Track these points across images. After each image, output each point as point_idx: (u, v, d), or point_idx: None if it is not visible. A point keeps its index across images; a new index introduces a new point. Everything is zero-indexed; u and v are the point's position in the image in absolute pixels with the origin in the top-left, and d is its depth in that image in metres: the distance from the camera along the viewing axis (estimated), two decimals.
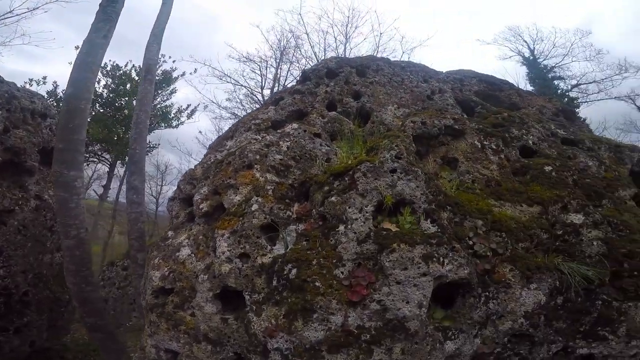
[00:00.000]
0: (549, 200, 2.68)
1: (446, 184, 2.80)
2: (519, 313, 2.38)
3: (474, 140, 3.43)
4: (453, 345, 2.28)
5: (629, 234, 2.59)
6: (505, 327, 2.40)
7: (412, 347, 2.20)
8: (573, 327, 2.47)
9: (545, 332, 2.44)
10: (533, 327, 2.42)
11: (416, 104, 4.47)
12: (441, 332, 2.28)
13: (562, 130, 3.50)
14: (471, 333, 2.35)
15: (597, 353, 2.54)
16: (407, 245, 2.21)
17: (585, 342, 2.51)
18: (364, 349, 2.23)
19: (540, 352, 2.48)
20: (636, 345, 2.56)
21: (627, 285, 2.47)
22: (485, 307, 2.34)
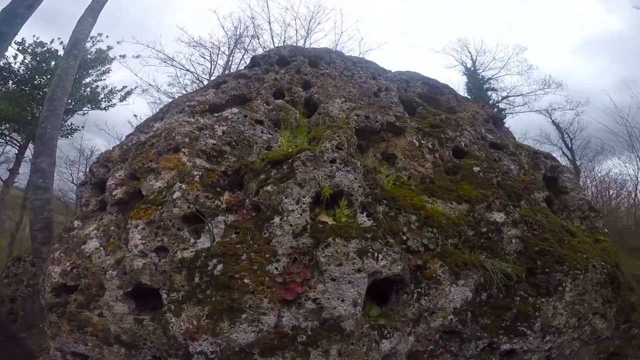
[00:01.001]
0: (476, 199, 2.82)
1: (384, 179, 2.77)
2: (449, 309, 2.43)
3: (412, 138, 3.49)
4: (389, 345, 2.23)
5: (541, 233, 2.82)
6: (437, 323, 2.43)
7: (349, 348, 2.10)
8: (496, 323, 2.59)
9: (473, 328, 2.52)
10: (462, 323, 2.48)
11: (363, 99, 4.49)
12: (377, 330, 2.22)
13: (490, 135, 3.73)
14: (405, 331, 2.33)
15: (518, 348, 2.68)
16: (342, 239, 2.10)
17: (507, 338, 2.63)
18: (300, 351, 2.07)
19: (469, 348, 2.55)
20: (550, 340, 2.77)
21: (539, 282, 2.67)
22: (417, 304, 2.34)
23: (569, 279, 2.69)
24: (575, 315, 2.76)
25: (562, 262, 2.69)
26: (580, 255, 2.80)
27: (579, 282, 2.71)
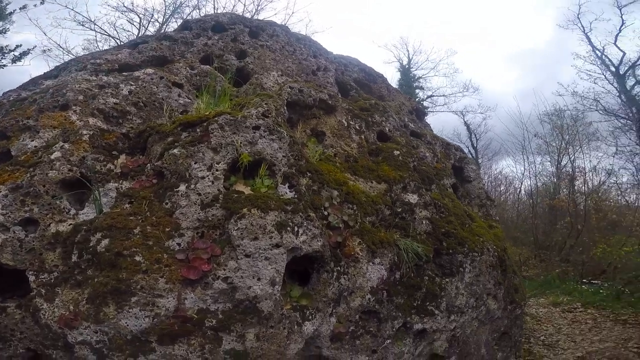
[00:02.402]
0: (394, 179, 2.89)
1: (310, 152, 2.61)
2: (366, 289, 2.38)
3: (342, 118, 3.43)
4: (312, 327, 2.09)
5: (447, 216, 3.00)
6: (356, 303, 2.38)
7: (268, 332, 1.89)
8: (409, 303, 2.65)
9: (389, 308, 2.53)
10: (378, 303, 2.47)
11: (300, 76, 4.38)
12: (299, 312, 2.05)
13: (412, 124, 3.89)
14: (327, 312, 2.22)
15: (428, 328, 2.77)
16: (259, 210, 1.88)
17: (418, 318, 2.70)
18: (209, 337, 1.82)
19: (386, 328, 2.55)
20: (454, 320, 2.93)
21: (445, 262, 2.81)
22: (337, 283, 2.24)
23: (468, 260, 2.89)
24: (473, 296, 2.97)
25: (463, 244, 2.88)
26: (477, 239, 3.05)
27: (476, 263, 2.93)
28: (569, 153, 13.01)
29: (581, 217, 9.70)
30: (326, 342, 2.25)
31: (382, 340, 2.54)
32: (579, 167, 12.60)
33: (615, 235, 8.85)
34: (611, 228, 9.64)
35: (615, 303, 5.83)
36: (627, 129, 13.28)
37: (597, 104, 14.12)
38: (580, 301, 6.20)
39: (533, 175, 13.30)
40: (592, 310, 5.72)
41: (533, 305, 6.20)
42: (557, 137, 13.75)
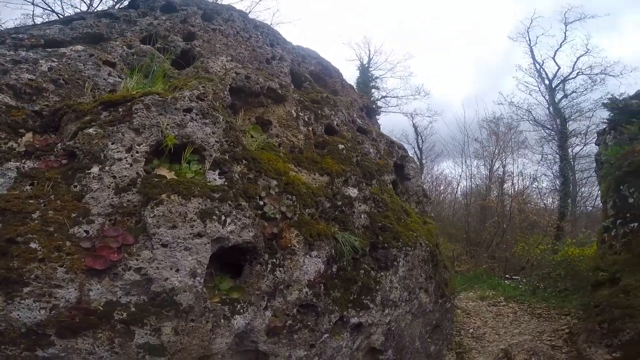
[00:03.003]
0: (337, 173, 2.88)
1: (249, 140, 2.49)
2: (304, 282, 2.31)
3: (292, 109, 3.35)
4: (243, 321, 1.99)
5: (385, 211, 3.05)
6: (293, 297, 2.30)
7: (188, 326, 1.76)
8: (346, 297, 2.62)
9: (326, 301, 2.48)
10: (316, 296, 2.41)
11: (252, 63, 4.23)
12: (228, 306, 1.94)
13: (360, 121, 3.93)
14: (261, 305, 2.13)
15: (364, 322, 2.77)
16: (180, 197, 1.73)
17: (355, 312, 2.69)
18: (119, 330, 1.66)
19: (323, 322, 2.51)
20: (389, 314, 2.96)
21: (380, 256, 2.84)
22: (272, 276, 2.15)
23: (402, 255, 2.94)
24: (406, 289, 3.01)
25: (398, 239, 2.93)
26: (411, 234, 3.12)
27: (409, 258, 2.99)
28: (501, 158, 14.22)
29: (507, 217, 10.67)
30: (262, 336, 2.16)
31: (320, 334, 2.49)
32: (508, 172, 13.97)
33: (534, 235, 9.70)
34: (531, 228, 10.68)
35: (532, 298, 6.34)
36: (551, 139, 14.73)
37: (529, 115, 15.44)
38: (504, 295, 6.66)
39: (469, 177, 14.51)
40: (513, 304, 6.15)
41: (464, 299, 6.56)
42: (492, 143, 14.91)
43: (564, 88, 14.90)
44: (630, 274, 3.51)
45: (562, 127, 13.99)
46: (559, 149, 13.87)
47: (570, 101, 14.65)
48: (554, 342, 4.61)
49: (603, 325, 3.78)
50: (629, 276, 3.52)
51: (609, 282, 3.77)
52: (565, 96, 14.78)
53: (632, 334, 3.52)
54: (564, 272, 6.38)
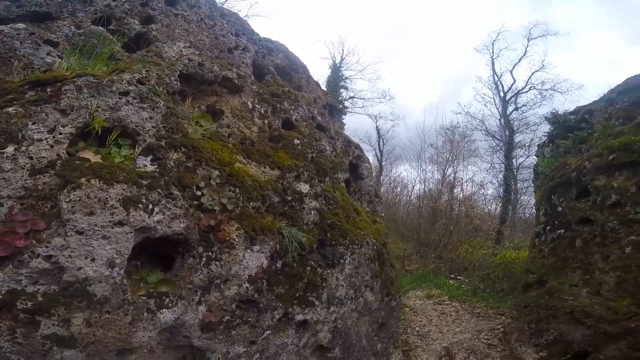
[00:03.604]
0: (289, 167, 2.84)
1: (196, 128, 2.40)
2: (244, 277, 2.26)
3: (248, 100, 3.28)
4: (171, 315, 1.91)
5: (335, 208, 3.06)
6: (232, 292, 2.24)
7: (102, 318, 1.67)
8: (291, 293, 2.58)
9: (269, 298, 2.43)
10: (258, 292, 2.36)
11: (213, 51, 4.12)
12: (155, 299, 1.86)
13: (320, 118, 3.92)
14: (193, 300, 2.05)
15: (309, 319, 2.73)
16: (101, 181, 1.63)
17: (300, 309, 2.66)
18: (22, 320, 1.55)
19: (265, 319, 2.45)
20: (334, 311, 2.95)
21: (328, 253, 2.85)
22: (207, 270, 2.08)
23: (349, 252, 2.97)
24: (352, 287, 3.05)
25: (345, 236, 2.96)
26: (359, 232, 3.15)
27: (355, 256, 3.03)
28: (453, 165, 15.07)
29: (454, 220, 11.26)
30: (195, 332, 2.09)
31: (261, 330, 2.45)
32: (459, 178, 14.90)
33: (477, 238, 10.34)
34: (475, 231, 11.30)
35: (473, 297, 6.68)
36: (499, 149, 15.62)
37: (482, 125, 16.34)
38: (448, 294, 6.95)
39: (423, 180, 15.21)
40: (456, 303, 6.44)
41: (412, 297, 6.79)
42: (447, 149, 15.76)
43: (516, 101, 15.88)
44: (555, 276, 3.78)
45: (509, 139, 14.86)
46: (505, 159, 14.78)
47: (520, 114, 15.66)
48: (490, 341, 4.86)
49: (531, 325, 4.04)
50: (554, 279, 3.79)
51: (537, 284, 4.03)
52: (516, 109, 15.76)
53: (555, 334, 3.79)
54: (501, 273, 6.75)
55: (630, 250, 3.17)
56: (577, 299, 3.58)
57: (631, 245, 3.17)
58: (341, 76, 18.09)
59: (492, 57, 16.41)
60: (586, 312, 3.47)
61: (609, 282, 3.31)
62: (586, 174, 3.63)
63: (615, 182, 3.36)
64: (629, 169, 3.32)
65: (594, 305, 3.42)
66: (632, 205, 3.20)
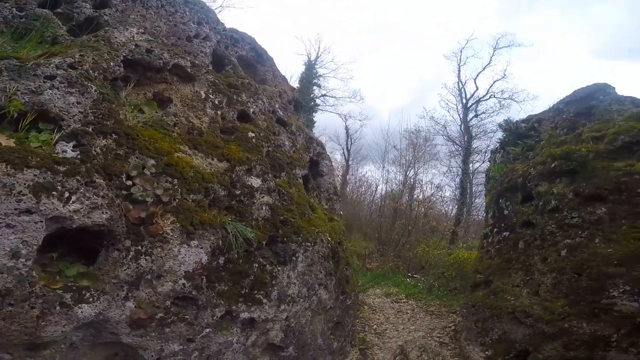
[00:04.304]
0: (239, 160, 2.76)
1: (132, 114, 2.28)
2: (179, 273, 2.17)
3: (201, 90, 3.17)
4: (91, 310, 1.80)
5: (289, 204, 3.01)
6: (166, 288, 2.14)
7: (5, 310, 1.55)
8: (235, 290, 2.50)
9: (209, 295, 2.34)
10: (196, 289, 2.27)
11: (169, 39, 3.96)
12: (72, 293, 1.76)
13: (282, 112, 3.85)
14: (118, 295, 1.94)
15: (256, 317, 2.67)
16: (8, 166, 1.50)
17: (246, 306, 2.59)
18: None
19: (204, 316, 2.36)
20: (286, 309, 2.90)
21: (279, 250, 2.78)
22: (135, 264, 1.97)
23: (302, 250, 2.93)
24: (305, 285, 3.02)
25: (298, 233, 2.91)
26: (313, 229, 3.12)
27: (308, 253, 2.99)
28: (414, 167, 15.68)
29: (413, 220, 11.67)
30: (123, 328, 1.99)
31: (200, 328, 2.37)
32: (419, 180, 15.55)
33: (433, 238, 10.76)
34: (432, 232, 11.76)
35: (428, 295, 6.90)
36: (457, 154, 16.33)
37: (444, 130, 17.05)
38: (405, 293, 7.12)
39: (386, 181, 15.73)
40: (412, 301, 6.62)
41: (371, 295, 6.89)
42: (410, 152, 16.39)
43: (476, 108, 16.60)
44: (499, 277, 3.94)
45: (467, 144, 15.61)
46: (463, 164, 15.52)
47: (479, 121, 16.42)
48: (442, 339, 5.00)
49: (478, 324, 4.19)
50: (499, 279, 3.94)
51: (484, 284, 4.19)
52: (476, 116, 16.50)
53: (499, 333, 3.94)
54: (454, 272, 6.99)
55: (565, 253, 3.36)
56: (518, 299, 3.74)
57: (567, 248, 3.35)
58: (315, 73, 18.11)
59: (458, 65, 17.06)
60: (526, 312, 3.63)
61: (547, 283, 3.48)
62: (531, 180, 3.81)
63: (555, 188, 3.54)
64: (568, 176, 3.51)
65: (533, 306, 3.58)
66: (569, 210, 3.38)
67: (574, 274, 3.29)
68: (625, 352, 3.11)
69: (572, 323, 3.29)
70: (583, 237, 3.28)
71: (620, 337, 3.10)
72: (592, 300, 3.18)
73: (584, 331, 3.23)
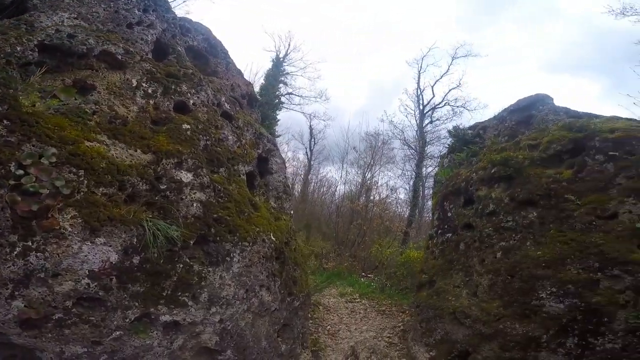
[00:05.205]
0: (167, 153, 2.56)
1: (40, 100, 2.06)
2: (82, 272, 1.97)
3: (133, 77, 2.97)
4: None
5: (225, 202, 2.85)
6: (65, 288, 1.94)
7: None
8: (154, 292, 2.32)
9: (120, 296, 2.15)
10: (104, 289, 2.08)
11: (106, 25, 3.67)
12: None
13: (227, 105, 3.69)
14: (2, 294, 1.73)
15: (181, 320, 2.51)
16: None
17: (167, 309, 2.41)
18: None
19: (114, 318, 2.17)
20: (218, 312, 2.74)
21: (211, 250, 2.61)
22: (23, 261, 1.77)
23: (238, 250, 2.79)
24: (243, 287, 2.88)
25: (234, 233, 2.76)
26: (253, 228, 2.98)
27: (246, 253, 2.85)
28: (372, 169, 16.23)
29: (369, 220, 11.97)
30: (12, 328, 1.81)
31: (109, 331, 2.18)
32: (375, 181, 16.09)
33: (386, 238, 11.07)
34: (385, 232, 12.13)
35: (380, 295, 6.99)
36: (412, 158, 17.06)
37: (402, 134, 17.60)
38: (359, 292, 7.18)
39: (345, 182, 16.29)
40: (365, 301, 6.67)
41: (326, 295, 6.87)
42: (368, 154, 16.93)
43: (432, 115, 17.29)
44: (442, 277, 4.01)
45: (422, 149, 16.22)
46: (416, 167, 16.14)
47: (434, 127, 17.12)
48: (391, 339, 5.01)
49: (422, 324, 4.22)
50: (442, 280, 4.01)
51: (428, 284, 4.25)
52: (431, 122, 17.19)
53: (442, 333, 3.98)
54: (405, 272, 7.15)
55: (500, 255, 3.45)
56: (458, 300, 3.80)
57: (501, 251, 3.45)
58: (282, 71, 17.89)
59: (419, 72, 17.61)
60: (465, 313, 3.69)
61: (484, 284, 3.57)
62: (472, 184, 3.91)
63: (493, 193, 3.65)
64: (505, 181, 3.63)
65: (471, 307, 3.65)
66: (505, 214, 3.49)
67: (508, 276, 3.39)
68: (554, 353, 3.20)
69: (507, 324, 3.37)
70: (516, 240, 3.39)
71: (549, 337, 3.21)
72: (524, 301, 3.28)
73: (517, 332, 3.32)
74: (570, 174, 3.31)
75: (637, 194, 2.95)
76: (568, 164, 3.40)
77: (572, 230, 3.12)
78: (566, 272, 3.06)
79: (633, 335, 2.85)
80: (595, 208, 3.08)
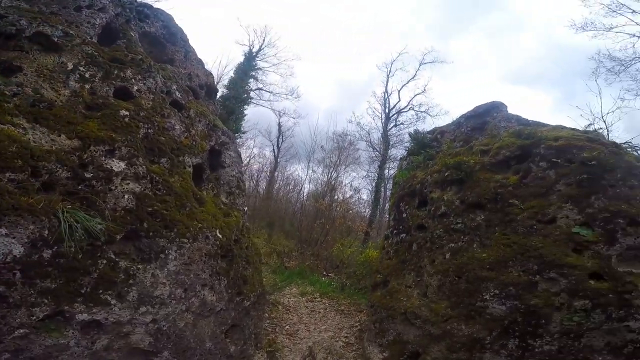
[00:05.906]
0: (97, 139, 2.39)
1: None
2: None
3: (70, 61, 2.80)
4: None
5: (163, 195, 2.69)
6: None
7: None
8: (69, 289, 2.15)
9: (25, 292, 1.97)
10: (6, 285, 1.90)
11: (50, 7, 3.45)
12: None
13: (179, 94, 3.53)
14: None
15: (101, 319, 2.34)
16: None
17: (85, 307, 2.24)
18: None
19: (17, 316, 1.99)
20: (149, 312, 2.58)
21: (144, 246, 2.45)
22: None
23: (175, 247, 2.64)
24: (181, 286, 2.73)
25: (171, 228, 2.61)
26: (195, 224, 2.84)
27: (184, 251, 2.71)
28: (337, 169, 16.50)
29: (332, 220, 12.12)
30: None
31: (10, 329, 2.00)
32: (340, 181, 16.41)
33: (348, 238, 11.21)
34: (347, 232, 12.31)
35: (340, 294, 6.98)
36: (376, 159, 17.37)
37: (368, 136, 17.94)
38: (320, 291, 7.13)
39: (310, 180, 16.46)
40: (325, 300, 6.63)
41: (287, 294, 6.77)
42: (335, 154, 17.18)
43: (396, 119, 17.67)
44: (395, 277, 4.02)
45: (385, 151, 16.57)
46: (379, 169, 16.44)
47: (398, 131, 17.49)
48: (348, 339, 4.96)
49: (376, 324, 4.20)
50: (395, 280, 4.02)
51: (382, 284, 4.25)
52: (396, 125, 17.57)
53: (394, 334, 3.96)
54: (365, 271, 7.15)
55: (449, 256, 3.49)
56: (409, 300, 3.81)
57: (450, 252, 3.49)
58: (254, 66, 17.59)
59: (387, 75, 17.90)
60: (415, 314, 3.70)
61: (433, 284, 3.59)
62: (427, 186, 3.96)
63: (446, 195, 3.70)
64: (457, 185, 3.69)
65: (421, 307, 3.66)
66: (455, 216, 3.54)
67: (455, 277, 3.42)
68: (497, 354, 3.24)
69: (454, 325, 3.40)
70: (464, 241, 3.43)
71: (492, 339, 3.25)
72: (469, 302, 3.31)
73: (463, 333, 3.35)
74: (516, 179, 3.39)
75: (574, 200, 3.06)
76: (515, 169, 3.49)
77: (515, 233, 3.19)
78: (508, 274, 3.13)
79: (567, 337, 2.93)
80: (536, 212, 3.17)
